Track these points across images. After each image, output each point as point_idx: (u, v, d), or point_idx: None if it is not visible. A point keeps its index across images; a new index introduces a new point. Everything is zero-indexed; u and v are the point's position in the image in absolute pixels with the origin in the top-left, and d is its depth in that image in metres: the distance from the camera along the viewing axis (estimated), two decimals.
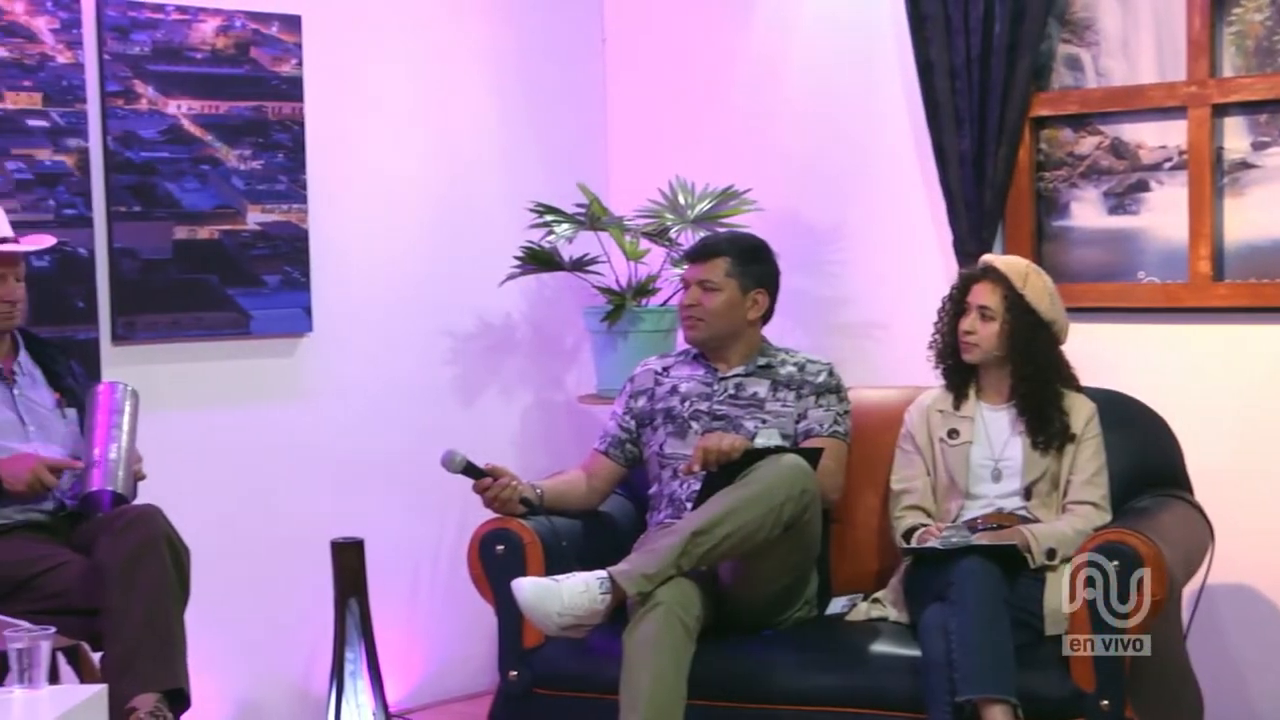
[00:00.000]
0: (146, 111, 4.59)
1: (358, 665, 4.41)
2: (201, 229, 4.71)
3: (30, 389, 4.09)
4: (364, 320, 5.09)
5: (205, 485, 4.64)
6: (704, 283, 4.26)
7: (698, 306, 4.26)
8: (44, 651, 3.08)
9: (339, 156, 5.01)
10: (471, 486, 4.12)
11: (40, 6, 4.37)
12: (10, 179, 4.32)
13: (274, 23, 4.81)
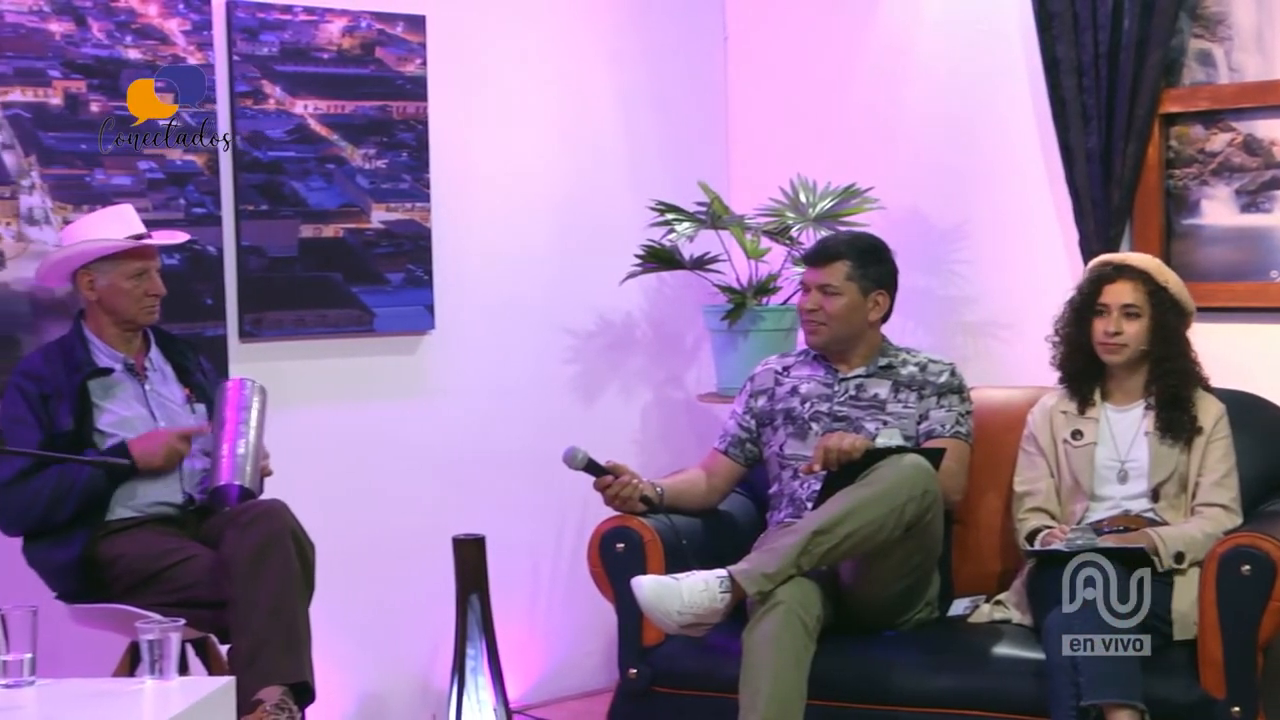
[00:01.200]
0: (274, 111, 4.65)
1: (479, 661, 4.44)
2: (327, 227, 4.76)
3: (161, 385, 4.17)
4: (485, 318, 5.12)
5: (329, 481, 4.69)
6: (824, 287, 4.24)
7: (819, 311, 4.24)
8: (174, 643, 3.13)
9: (462, 155, 5.04)
10: (592, 484, 4.14)
11: (172, 9, 4.44)
12: (142, 178, 4.40)
13: (399, 23, 4.86)
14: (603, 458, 4.15)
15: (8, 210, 4.18)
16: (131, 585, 3.90)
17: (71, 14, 4.28)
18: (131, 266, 4.05)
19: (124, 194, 4.33)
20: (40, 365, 4.02)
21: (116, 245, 4.03)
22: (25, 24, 4.21)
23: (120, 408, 4.06)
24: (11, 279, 4.20)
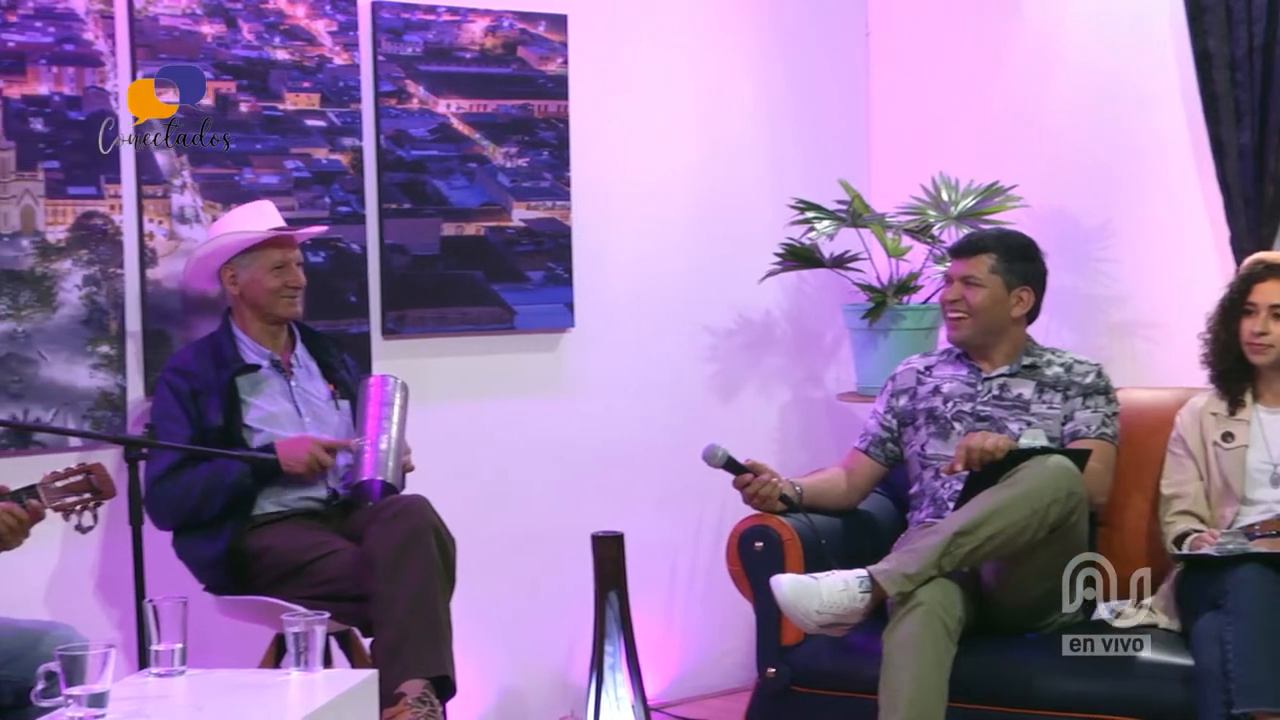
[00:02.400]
0: (417, 111, 4.70)
1: (617, 658, 4.45)
2: (468, 225, 4.80)
3: (306, 381, 4.23)
4: (625, 316, 5.13)
5: (470, 477, 4.73)
6: (968, 278, 4.19)
7: (960, 302, 4.19)
8: (319, 636, 3.17)
9: (602, 154, 5.06)
10: (731, 482, 4.13)
11: (319, 10, 4.51)
12: (289, 177, 4.46)
13: (541, 22, 4.89)
14: (741, 456, 4.14)
15: (160, 209, 4.27)
16: (277, 578, 3.96)
17: (223, 16, 4.36)
18: (272, 259, 4.12)
19: (271, 193, 4.40)
20: (190, 361, 4.10)
21: (255, 236, 4.10)
22: (179, 26, 4.29)
23: (267, 403, 4.12)
24: (163, 276, 4.28)
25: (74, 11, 4.13)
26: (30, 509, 3.40)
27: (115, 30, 4.20)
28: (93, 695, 2.83)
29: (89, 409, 4.15)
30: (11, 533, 3.38)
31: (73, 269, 4.14)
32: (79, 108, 4.14)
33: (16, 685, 3.26)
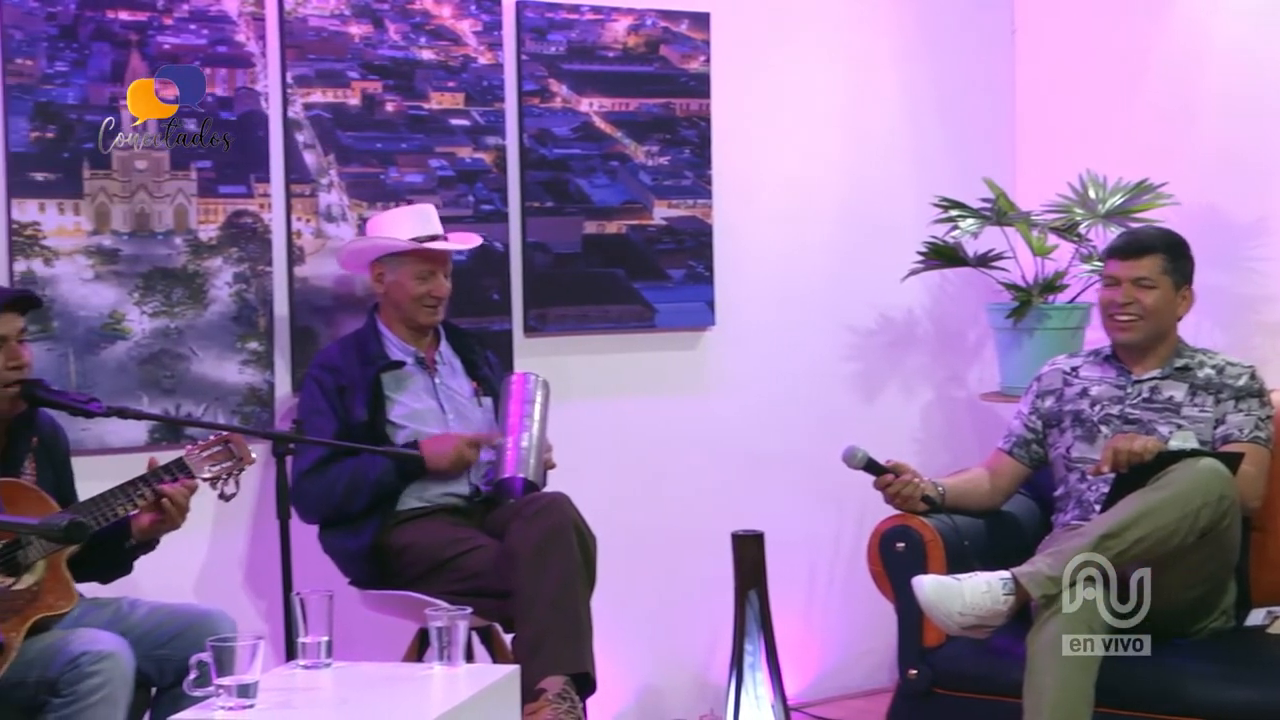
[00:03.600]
0: (560, 109, 4.72)
1: (757, 657, 4.44)
2: (610, 224, 4.82)
3: (450, 378, 4.27)
4: (766, 314, 5.12)
5: (611, 474, 4.74)
6: (1139, 280, 4.09)
7: (1135, 304, 4.09)
8: (462, 631, 3.21)
9: (744, 152, 5.05)
10: (873, 483, 4.10)
11: (464, 10, 4.55)
12: (434, 176, 4.51)
13: (684, 20, 4.89)
14: (882, 456, 4.11)
15: (308, 207, 4.34)
16: (420, 573, 4.00)
17: (370, 17, 4.42)
18: (418, 267, 4.16)
19: (416, 191, 4.45)
20: (336, 358, 4.16)
21: (397, 245, 4.15)
22: (327, 27, 4.36)
23: (411, 400, 4.17)
24: (311, 274, 4.35)
25: (227, 14, 4.21)
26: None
27: (266, 32, 4.27)
28: (242, 686, 2.89)
29: (238, 404, 4.22)
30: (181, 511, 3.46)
31: (223, 266, 4.21)
32: (230, 108, 4.22)
33: (178, 665, 3.34)
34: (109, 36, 4.06)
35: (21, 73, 3.95)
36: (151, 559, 3.65)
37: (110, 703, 3.16)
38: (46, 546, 3.30)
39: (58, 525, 2.12)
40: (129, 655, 3.24)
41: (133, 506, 3.42)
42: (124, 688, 3.20)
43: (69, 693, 3.15)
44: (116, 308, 4.08)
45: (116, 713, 3.18)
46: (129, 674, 3.22)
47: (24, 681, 3.18)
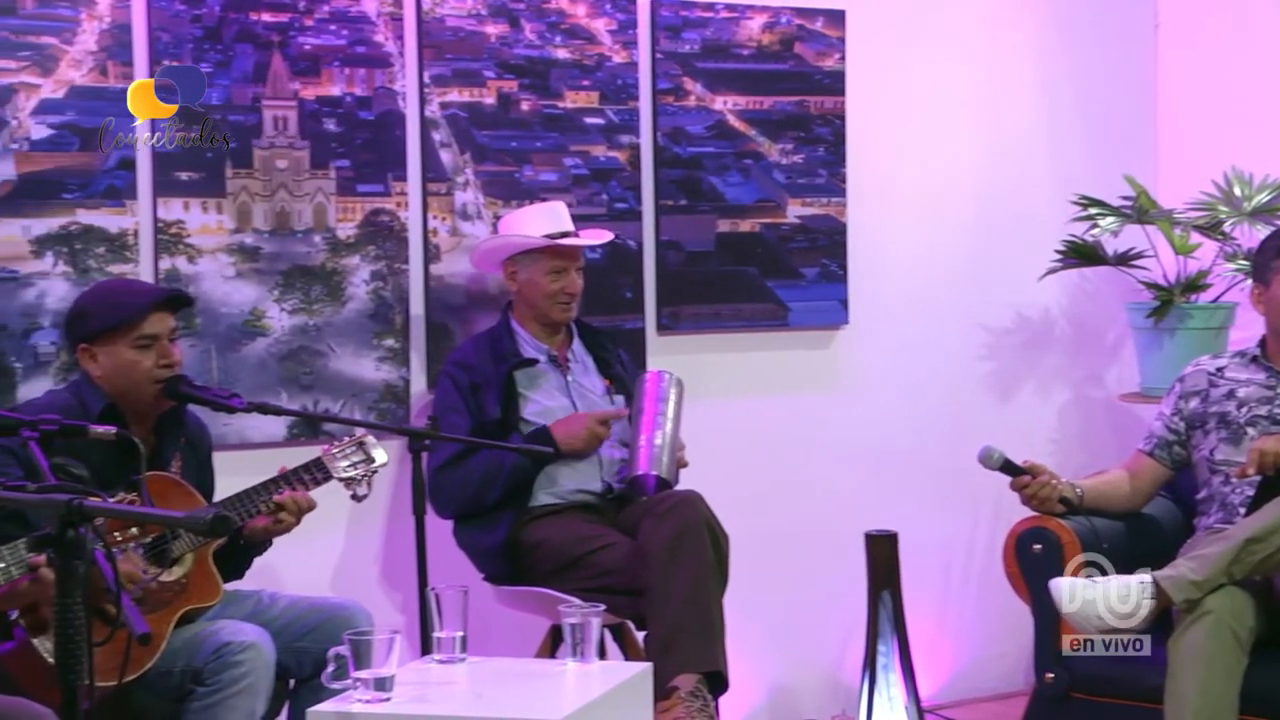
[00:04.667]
0: (694, 108, 4.72)
1: (890, 658, 4.41)
2: (743, 222, 4.81)
3: (582, 376, 4.29)
4: (900, 313, 5.08)
5: (743, 473, 4.73)
6: None
7: None
8: (594, 628, 3.21)
9: (879, 150, 5.01)
10: (1009, 484, 4.05)
11: (599, 9, 4.56)
12: (568, 174, 4.53)
13: (819, 18, 4.87)
14: (1019, 457, 4.07)
15: (443, 206, 4.38)
16: (553, 570, 4.02)
17: (506, 16, 4.45)
18: (550, 264, 4.18)
19: (550, 190, 4.47)
20: (470, 355, 4.19)
21: (530, 242, 4.17)
22: (464, 27, 4.40)
23: (544, 398, 4.19)
24: (446, 272, 4.39)
25: (366, 15, 4.26)
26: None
27: (404, 32, 4.32)
28: (378, 679, 2.92)
29: (374, 400, 4.27)
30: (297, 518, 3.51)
31: (361, 264, 4.26)
32: (369, 108, 4.27)
33: (315, 657, 3.39)
34: (252, 38, 4.12)
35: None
36: (290, 553, 3.70)
37: (252, 692, 3.22)
38: (194, 540, 3.37)
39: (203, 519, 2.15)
40: (270, 646, 3.30)
41: (266, 508, 3.48)
42: (265, 678, 3.26)
43: (213, 682, 3.21)
44: (257, 305, 4.14)
45: (257, 702, 3.24)
46: (270, 664, 3.28)
47: (171, 671, 3.25)
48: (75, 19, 3.91)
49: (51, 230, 3.89)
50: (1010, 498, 4.08)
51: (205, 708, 3.22)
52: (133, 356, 3.44)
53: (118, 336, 3.44)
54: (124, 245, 3.96)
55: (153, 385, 3.46)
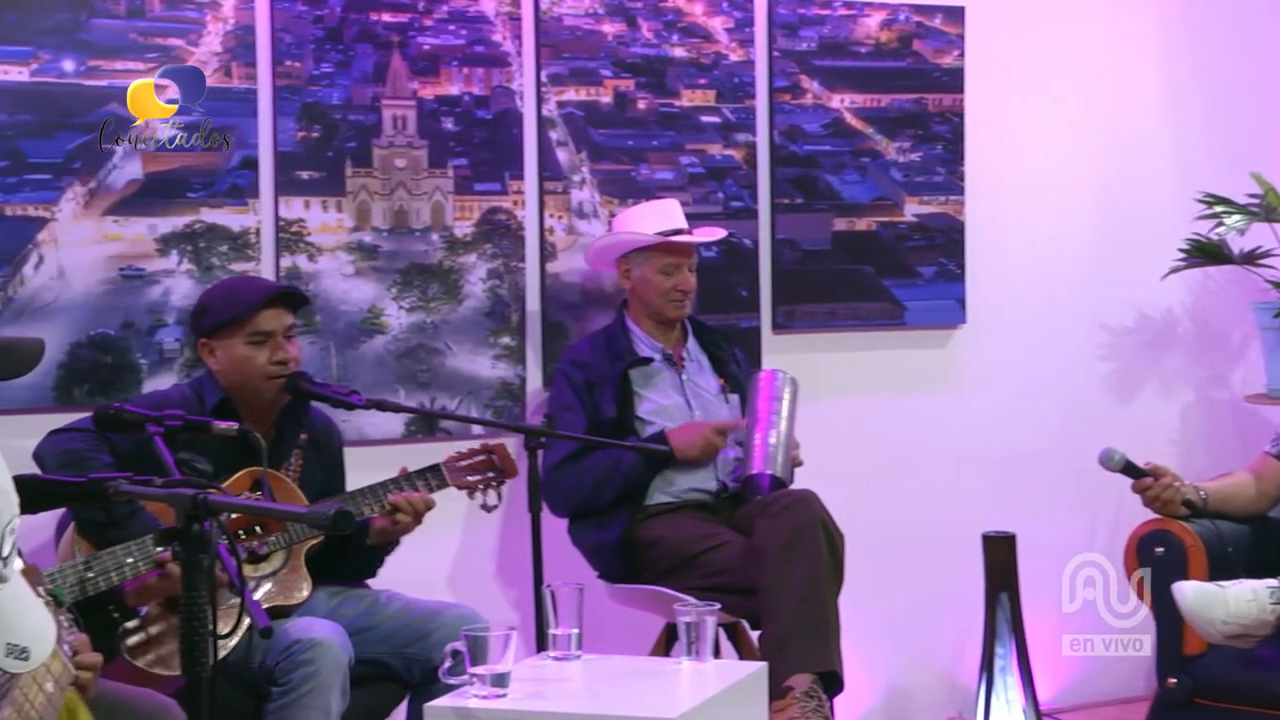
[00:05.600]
0: (811, 106, 4.70)
1: (1008, 661, 4.36)
2: (860, 220, 4.78)
3: (697, 374, 4.28)
4: (1019, 313, 5.03)
5: (858, 472, 4.70)
6: None
7: None
8: (709, 627, 3.21)
9: (998, 147, 4.97)
10: (1131, 486, 3.99)
11: (716, 7, 4.56)
12: (684, 173, 4.53)
13: (938, 15, 4.83)
14: (1140, 458, 4.00)
15: (560, 204, 4.39)
16: (668, 568, 4.02)
17: (623, 15, 4.46)
18: (663, 261, 4.18)
19: (666, 188, 4.47)
20: (586, 353, 4.20)
21: (643, 239, 4.17)
22: (581, 26, 4.41)
23: (659, 396, 4.19)
24: (562, 270, 4.40)
25: (484, 14, 4.29)
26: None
27: (521, 31, 4.34)
28: (495, 675, 2.94)
29: (490, 398, 4.30)
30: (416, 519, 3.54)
31: (477, 263, 4.29)
32: (487, 107, 4.30)
33: (423, 664, 3.41)
34: (372, 38, 4.17)
35: (290, 74, 4.08)
36: (407, 551, 3.73)
37: (324, 690, 3.22)
38: (287, 538, 3.39)
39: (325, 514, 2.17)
40: (343, 643, 3.30)
41: (380, 508, 3.51)
42: (335, 675, 3.24)
43: (285, 681, 3.22)
44: (375, 302, 4.18)
45: (331, 699, 3.23)
46: (341, 661, 3.27)
47: (248, 667, 3.27)
48: (201, 21, 3.97)
49: (176, 229, 3.95)
50: (1131, 500, 4.02)
51: (281, 708, 3.23)
52: (247, 352, 3.49)
53: (233, 332, 3.49)
54: (246, 243, 4.02)
55: (266, 381, 3.50)
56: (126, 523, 3.16)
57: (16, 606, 1.52)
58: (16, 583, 1.52)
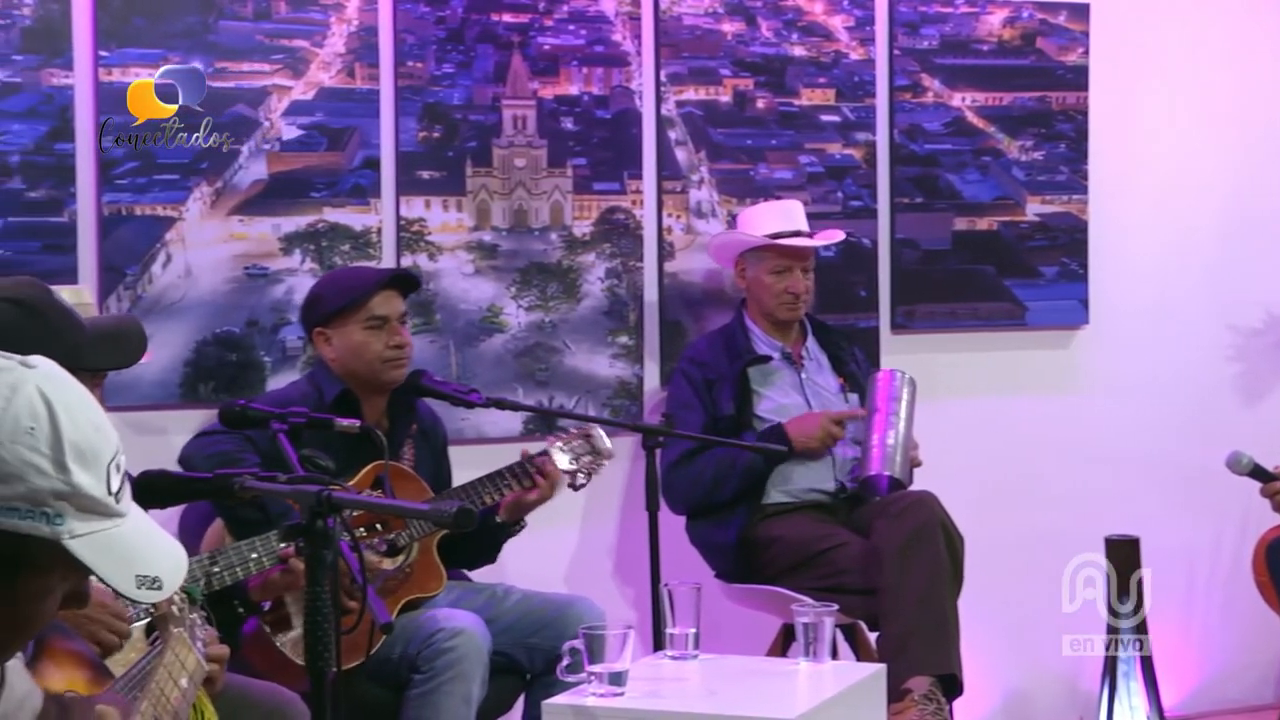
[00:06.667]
0: (932, 104, 4.67)
1: (1131, 665, 4.31)
2: (980, 220, 4.74)
3: (816, 374, 4.27)
4: (1143, 313, 4.96)
5: (978, 474, 4.66)
6: None
7: None
8: (828, 628, 3.20)
9: (1124, 146, 4.90)
10: (1259, 490, 3.91)
11: (837, 6, 4.54)
12: (803, 172, 4.52)
13: (1062, 12, 4.78)
14: (1269, 462, 3.92)
15: (678, 204, 4.40)
16: (785, 568, 4.01)
17: (743, 14, 4.45)
18: (774, 263, 4.17)
19: (785, 188, 4.46)
20: (705, 352, 4.20)
21: (752, 241, 4.16)
22: (701, 25, 4.41)
23: (778, 395, 4.18)
24: (680, 269, 4.41)
25: (604, 14, 4.30)
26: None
27: (641, 31, 4.34)
28: (613, 673, 2.95)
29: (608, 397, 4.31)
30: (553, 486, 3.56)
31: (596, 262, 4.31)
32: (605, 106, 4.31)
33: (546, 653, 3.43)
34: (493, 39, 4.19)
35: (412, 75, 4.12)
36: (524, 548, 3.76)
37: (465, 678, 3.25)
38: (419, 530, 3.43)
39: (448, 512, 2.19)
40: (483, 632, 3.33)
41: (499, 495, 3.53)
42: (477, 664, 3.28)
43: (428, 669, 3.26)
44: (495, 301, 4.21)
45: (472, 686, 3.27)
46: (483, 649, 3.30)
47: (390, 658, 3.30)
48: (325, 22, 4.02)
49: (299, 228, 4.00)
50: (1259, 504, 3.94)
51: (422, 695, 3.26)
52: (363, 337, 3.53)
53: (348, 318, 3.53)
54: (368, 242, 4.06)
55: (384, 366, 3.53)
56: (280, 522, 3.20)
57: (139, 539, 1.55)
58: (136, 516, 1.55)
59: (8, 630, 1.53)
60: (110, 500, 1.52)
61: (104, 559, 1.51)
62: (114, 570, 1.52)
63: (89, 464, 1.50)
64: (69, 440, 1.49)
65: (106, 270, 3.79)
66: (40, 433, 1.48)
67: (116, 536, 1.53)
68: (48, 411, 1.49)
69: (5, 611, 1.51)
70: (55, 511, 1.48)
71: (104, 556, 1.51)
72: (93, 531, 1.51)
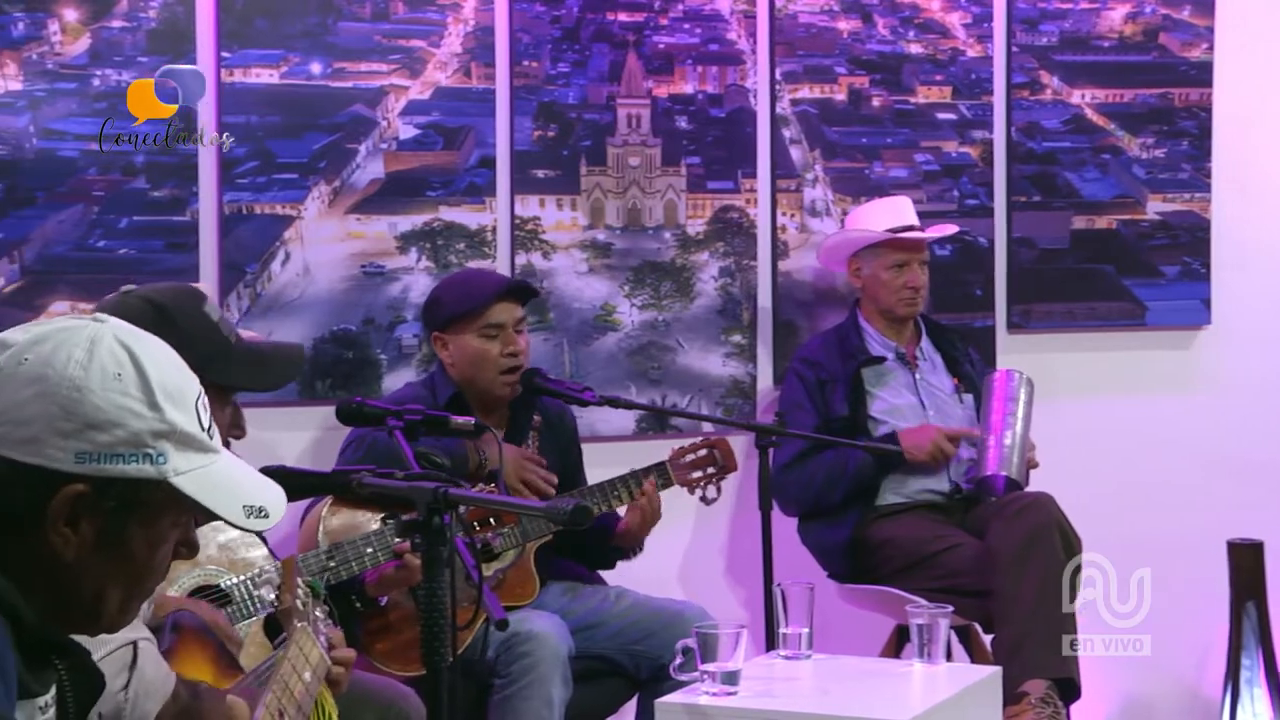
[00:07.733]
0: (1050, 102, 4.61)
1: (1254, 672, 4.23)
2: (1100, 218, 4.68)
3: (930, 374, 4.24)
4: (1268, 313, 4.86)
5: (1096, 475, 4.59)
6: None
7: None
8: (943, 629, 3.17)
9: (1248, 144, 4.81)
10: None
11: (954, 2, 4.51)
12: (919, 170, 4.48)
13: (1185, 6, 4.70)
14: None
15: (792, 202, 4.38)
16: (898, 569, 3.98)
17: (859, 12, 4.43)
18: (891, 258, 4.14)
19: (900, 186, 4.43)
20: (818, 352, 4.18)
21: (871, 236, 4.14)
22: (816, 23, 4.40)
23: (891, 395, 4.15)
24: (794, 268, 4.39)
25: (719, 13, 4.30)
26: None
27: (756, 29, 4.33)
28: (726, 673, 2.94)
29: (720, 396, 4.30)
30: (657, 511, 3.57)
31: (709, 260, 4.30)
32: (720, 105, 4.31)
33: (652, 661, 3.43)
34: (608, 38, 4.21)
35: (527, 74, 4.14)
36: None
37: (544, 681, 3.26)
38: (519, 536, 3.44)
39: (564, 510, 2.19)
40: (561, 634, 3.34)
41: (607, 505, 3.54)
42: (554, 666, 3.28)
43: (506, 674, 3.28)
44: (608, 300, 4.22)
45: (553, 689, 3.27)
46: (560, 652, 3.31)
47: (474, 660, 3.31)
48: (442, 23, 4.05)
49: (416, 227, 4.03)
50: None
51: (504, 699, 3.28)
52: (479, 345, 3.55)
53: (466, 325, 3.56)
54: (483, 241, 4.08)
55: (498, 374, 3.56)
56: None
57: (238, 472, 1.58)
58: (227, 454, 1.58)
59: (126, 585, 1.55)
60: (205, 436, 1.55)
61: (211, 493, 1.54)
62: (222, 502, 1.55)
63: (179, 403, 1.54)
64: (156, 382, 1.52)
65: (227, 268, 3.84)
66: (128, 377, 1.51)
67: (217, 471, 1.56)
68: (130, 358, 1.53)
69: (122, 566, 1.54)
70: (158, 451, 1.51)
71: (210, 491, 1.54)
72: (195, 468, 1.54)
